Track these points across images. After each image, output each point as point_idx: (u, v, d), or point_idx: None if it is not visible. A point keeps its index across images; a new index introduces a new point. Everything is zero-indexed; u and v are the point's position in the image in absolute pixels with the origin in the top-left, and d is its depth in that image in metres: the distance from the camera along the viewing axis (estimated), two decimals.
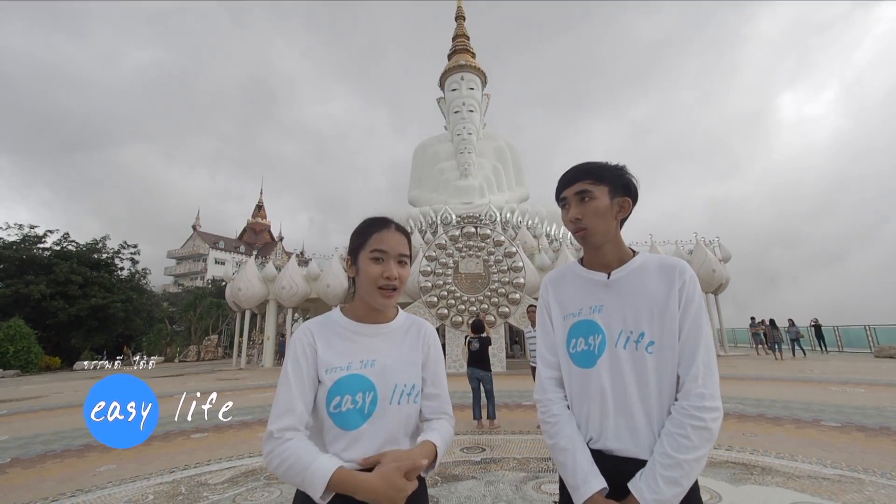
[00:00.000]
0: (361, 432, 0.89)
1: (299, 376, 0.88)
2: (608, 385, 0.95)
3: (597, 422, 0.95)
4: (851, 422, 4.91)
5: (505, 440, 4.62)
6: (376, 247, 0.95)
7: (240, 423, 5.97)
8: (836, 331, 18.32)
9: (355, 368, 0.91)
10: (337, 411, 0.89)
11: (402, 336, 1.01)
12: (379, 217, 1.01)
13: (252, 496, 3.10)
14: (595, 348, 0.98)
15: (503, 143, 27.11)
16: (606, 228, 1.00)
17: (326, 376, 0.89)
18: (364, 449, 0.89)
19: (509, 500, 2.89)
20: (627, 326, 0.96)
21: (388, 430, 0.92)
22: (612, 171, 1.02)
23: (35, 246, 25.59)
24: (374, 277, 0.94)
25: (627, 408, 0.93)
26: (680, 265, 0.98)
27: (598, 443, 0.94)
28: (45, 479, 3.66)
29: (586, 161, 1.06)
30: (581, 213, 1.00)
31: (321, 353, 0.91)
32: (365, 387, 0.91)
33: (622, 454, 0.92)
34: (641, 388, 0.93)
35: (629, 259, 1.03)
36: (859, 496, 2.78)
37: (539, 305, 1.16)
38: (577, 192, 1.01)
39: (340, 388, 0.89)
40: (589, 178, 1.01)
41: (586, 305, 1.02)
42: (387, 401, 0.92)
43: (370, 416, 0.90)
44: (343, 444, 0.89)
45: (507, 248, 14.38)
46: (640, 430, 0.92)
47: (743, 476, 3.24)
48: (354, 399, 0.89)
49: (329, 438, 0.89)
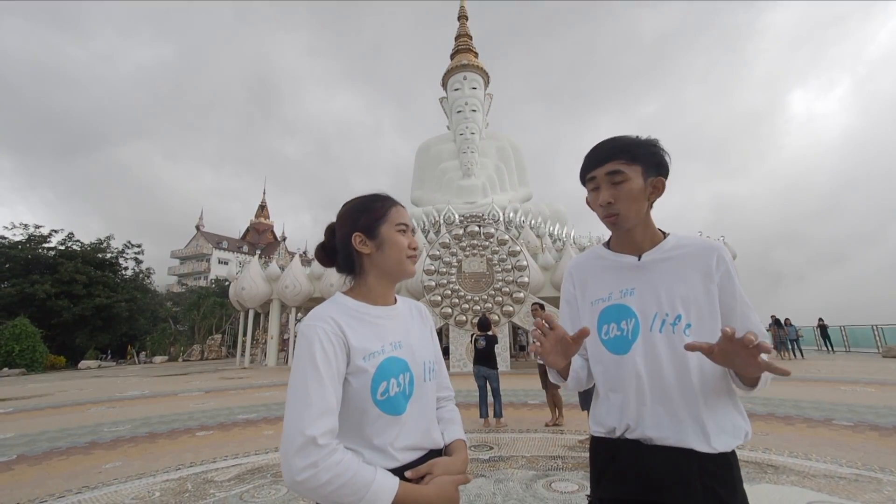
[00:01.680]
0: (409, 415, 0.87)
1: (330, 370, 0.80)
2: (644, 371, 0.90)
3: (633, 409, 0.90)
4: (864, 421, 4.84)
5: (513, 438, 4.58)
6: (399, 220, 0.95)
7: (245, 420, 5.95)
8: (842, 331, 18.17)
9: (389, 352, 0.88)
10: (385, 398, 0.84)
11: (410, 316, 1.00)
12: (382, 193, 0.99)
13: (259, 493, 3.07)
14: (629, 333, 0.93)
15: (506, 143, 27.04)
16: (638, 212, 0.94)
17: (366, 363, 0.84)
18: (411, 433, 0.87)
19: (520, 498, 2.84)
20: (662, 309, 0.91)
21: (427, 410, 0.91)
22: (646, 149, 0.94)
23: (40, 246, 25.74)
24: (404, 248, 0.94)
25: (665, 393, 0.88)
26: (716, 246, 0.94)
27: (636, 431, 0.89)
28: (51, 476, 3.65)
29: (617, 136, 0.97)
30: (613, 197, 0.93)
31: (353, 340, 0.85)
32: (402, 368, 0.88)
33: (662, 443, 0.87)
34: (680, 372, 0.88)
35: (660, 241, 0.98)
36: (878, 496, 2.72)
37: (562, 295, 1.12)
38: (608, 173, 0.93)
39: (384, 373, 0.85)
40: (623, 156, 0.93)
41: (616, 289, 0.97)
42: (421, 379, 0.90)
43: (411, 398, 0.88)
44: (395, 431, 0.84)
45: (510, 246, 14.33)
46: (681, 416, 0.87)
47: (757, 475, 3.18)
48: (399, 382, 0.86)
49: (375, 430, 0.83)
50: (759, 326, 0.91)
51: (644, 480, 0.86)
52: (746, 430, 0.89)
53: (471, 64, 27.41)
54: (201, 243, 52.58)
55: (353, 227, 0.93)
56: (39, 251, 25.43)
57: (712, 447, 0.84)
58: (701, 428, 0.85)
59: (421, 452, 0.88)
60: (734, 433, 0.87)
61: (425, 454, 0.88)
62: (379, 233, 0.93)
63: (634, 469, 0.88)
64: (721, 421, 0.87)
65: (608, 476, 0.91)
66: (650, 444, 0.88)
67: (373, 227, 0.93)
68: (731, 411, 0.89)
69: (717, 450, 0.84)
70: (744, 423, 0.89)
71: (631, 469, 0.88)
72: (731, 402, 0.90)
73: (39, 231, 26.09)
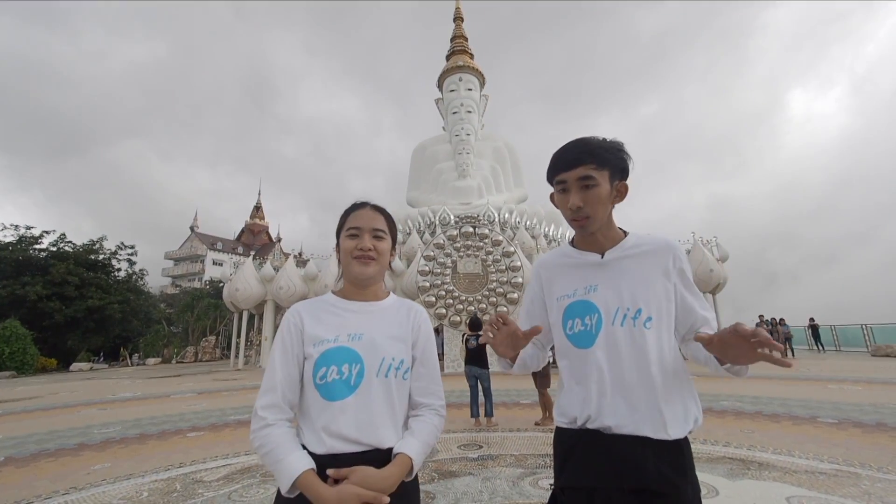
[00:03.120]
0: (347, 404, 0.90)
1: (284, 355, 0.92)
2: (605, 364, 0.94)
3: (595, 400, 0.94)
4: (848, 418, 4.92)
5: (502, 437, 4.61)
6: (351, 224, 1.02)
7: (236, 422, 5.93)
8: (833, 330, 18.37)
9: (342, 341, 0.93)
10: (323, 382, 0.90)
11: (392, 314, 1.03)
12: (356, 202, 1.06)
13: (247, 493, 3.08)
14: (592, 328, 0.98)
15: (501, 144, 27.14)
16: (605, 214, 0.99)
17: (314, 350, 0.92)
18: (348, 424, 0.89)
19: (506, 496, 2.87)
20: (624, 304, 0.96)
21: (375, 405, 0.92)
22: (614, 154, 0.98)
23: (31, 247, 25.45)
24: (349, 250, 1.00)
25: (625, 384, 0.93)
26: (672, 244, 1.00)
27: (597, 421, 0.93)
28: (39, 478, 3.63)
29: (584, 138, 1.00)
30: (583, 201, 0.96)
31: (308, 329, 0.94)
32: (351, 358, 0.92)
33: (619, 431, 0.90)
34: (640, 364, 0.92)
35: (621, 239, 1.03)
36: (856, 490, 2.78)
37: (527, 291, 1.16)
38: (579, 178, 0.96)
39: (327, 360, 0.91)
40: (593, 161, 0.96)
41: (581, 286, 1.02)
42: (374, 373, 0.93)
43: (356, 388, 0.91)
44: (329, 415, 0.89)
45: (505, 247, 14.38)
46: (639, 406, 0.91)
47: (740, 471, 3.23)
48: (340, 370, 0.91)
49: (315, 412, 0.90)
50: (713, 319, 0.98)
51: (602, 468, 0.90)
52: (696, 417, 0.94)
53: (466, 65, 27.51)
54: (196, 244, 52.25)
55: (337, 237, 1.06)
56: (31, 252, 25.14)
57: (668, 434, 0.88)
58: (658, 417, 0.90)
59: (358, 447, 0.89)
60: (686, 420, 0.92)
61: (365, 450, 0.89)
62: (339, 241, 1.04)
63: (593, 457, 0.91)
64: (676, 410, 0.91)
65: (570, 465, 0.95)
66: (609, 433, 0.91)
67: (338, 236, 1.05)
68: (685, 400, 0.94)
69: (671, 437, 0.89)
70: (695, 410, 0.94)
71: (590, 458, 0.92)
72: (686, 392, 0.95)
73: (31, 232, 25.78)
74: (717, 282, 17.18)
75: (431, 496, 2.91)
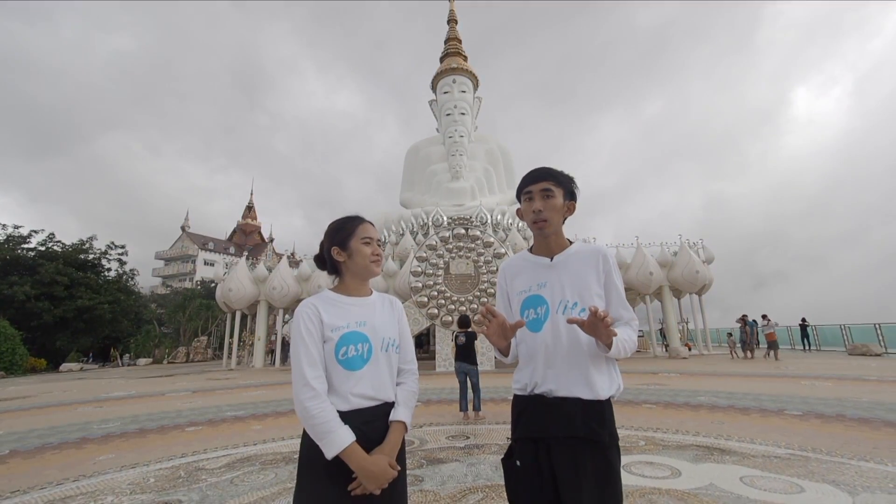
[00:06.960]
0: (364, 373, 1.20)
1: (311, 337, 1.17)
2: (550, 342, 1.22)
3: (541, 371, 1.22)
4: (812, 410, 5.27)
5: (489, 429, 4.87)
6: (364, 235, 1.31)
7: (233, 417, 6.12)
8: (814, 330, 18.98)
9: (353, 327, 1.22)
10: (344, 358, 1.19)
11: (380, 306, 1.34)
12: (353, 215, 1.36)
13: (249, 478, 3.30)
14: (542, 316, 1.26)
15: (494, 146, 27.50)
16: (557, 222, 1.30)
17: (333, 334, 1.19)
18: (365, 386, 1.19)
19: (489, 478, 3.13)
20: (565, 297, 1.24)
21: (382, 372, 1.24)
22: (567, 179, 1.32)
23: (19, 246, 25.18)
24: (367, 255, 1.30)
25: (564, 357, 1.20)
26: (602, 250, 1.29)
27: (542, 387, 1.21)
28: (46, 468, 3.81)
29: (547, 166, 1.33)
30: (543, 207, 1.27)
31: (326, 318, 1.21)
32: (362, 339, 1.22)
33: (557, 394, 1.18)
34: (574, 342, 1.20)
35: (567, 247, 1.33)
36: (802, 470, 3.09)
37: (497, 289, 1.43)
38: (542, 189, 1.28)
39: (346, 341, 1.20)
40: (553, 180, 1.28)
41: (534, 283, 1.30)
42: (379, 349, 1.24)
43: (368, 361, 1.21)
44: (354, 381, 1.18)
45: (496, 249, 14.68)
46: (572, 374, 1.19)
47: (704, 456, 3.53)
48: (357, 348, 1.20)
49: (339, 381, 1.18)
50: (627, 311, 1.27)
51: (545, 422, 1.18)
52: (619, 384, 1.23)
53: (460, 67, 27.81)
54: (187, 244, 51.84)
55: (331, 242, 1.31)
56: (18, 252, 24.86)
57: (595, 394, 1.17)
58: (587, 381, 1.18)
59: (374, 402, 1.21)
60: (610, 385, 1.21)
61: (379, 404, 1.22)
62: (349, 245, 1.30)
63: (539, 415, 1.19)
64: (602, 377, 1.20)
65: (522, 421, 1.23)
66: (550, 396, 1.19)
67: (345, 241, 1.30)
68: (609, 369, 1.23)
69: (598, 396, 1.17)
70: (617, 379, 1.24)
71: (536, 415, 1.20)
72: (609, 364, 1.24)
73: (19, 231, 25.55)
74: (703, 283, 17.66)
75: (420, 479, 3.16)
